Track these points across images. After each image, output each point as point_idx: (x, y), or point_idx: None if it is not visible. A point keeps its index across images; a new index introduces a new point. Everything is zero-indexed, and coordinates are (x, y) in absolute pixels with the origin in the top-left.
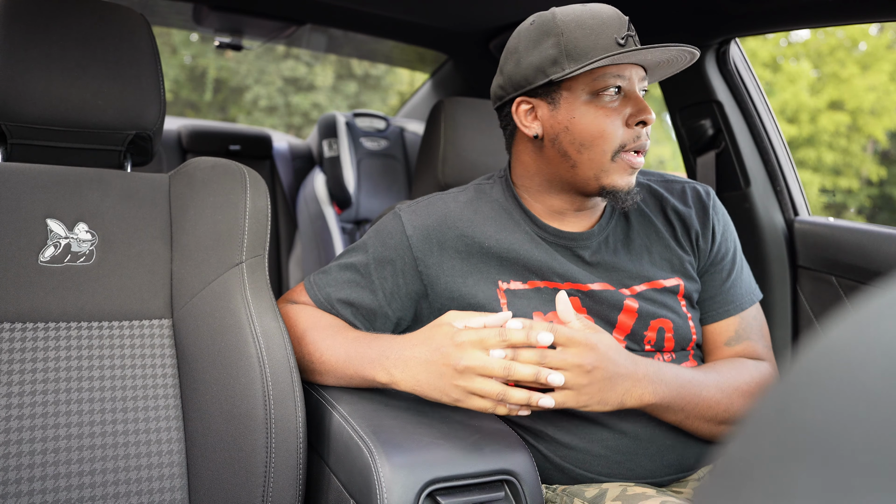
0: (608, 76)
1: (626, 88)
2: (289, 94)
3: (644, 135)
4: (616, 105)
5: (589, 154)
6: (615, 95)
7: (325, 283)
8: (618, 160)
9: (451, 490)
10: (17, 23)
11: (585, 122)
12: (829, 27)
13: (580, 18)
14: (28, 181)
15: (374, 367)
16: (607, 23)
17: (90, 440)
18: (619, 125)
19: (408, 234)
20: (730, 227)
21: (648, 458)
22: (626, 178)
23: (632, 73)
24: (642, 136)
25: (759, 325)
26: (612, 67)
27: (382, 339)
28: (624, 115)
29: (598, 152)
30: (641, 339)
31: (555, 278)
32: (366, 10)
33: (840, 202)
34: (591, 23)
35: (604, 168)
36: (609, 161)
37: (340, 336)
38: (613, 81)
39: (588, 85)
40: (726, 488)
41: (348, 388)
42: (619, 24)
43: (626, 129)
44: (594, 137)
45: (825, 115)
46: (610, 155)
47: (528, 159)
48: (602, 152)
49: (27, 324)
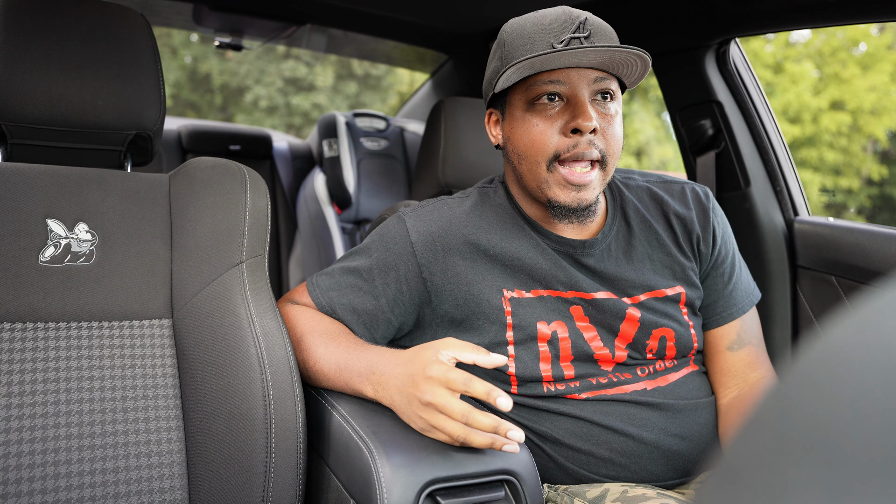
0: (540, 83)
1: (566, 94)
2: (289, 95)
3: (583, 143)
4: (554, 113)
5: (527, 164)
6: (552, 103)
7: (328, 287)
8: (554, 172)
9: (451, 490)
10: (17, 23)
11: (521, 131)
12: (829, 27)
13: (522, 27)
14: (28, 181)
15: (363, 380)
16: (548, 27)
17: (90, 440)
18: (553, 133)
19: (412, 240)
20: (728, 228)
21: (653, 462)
22: (568, 193)
23: (574, 78)
24: (580, 143)
25: (757, 325)
26: (545, 74)
27: (372, 353)
28: (561, 123)
29: (533, 162)
30: (643, 347)
31: (559, 287)
32: (366, 10)
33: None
34: (530, 30)
35: (542, 179)
36: (546, 172)
37: (334, 344)
38: (546, 88)
39: (523, 94)
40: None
41: None
42: (561, 26)
43: (563, 137)
44: (527, 147)
45: (827, 115)
46: (544, 165)
47: (505, 166)
48: (535, 163)
49: (27, 324)
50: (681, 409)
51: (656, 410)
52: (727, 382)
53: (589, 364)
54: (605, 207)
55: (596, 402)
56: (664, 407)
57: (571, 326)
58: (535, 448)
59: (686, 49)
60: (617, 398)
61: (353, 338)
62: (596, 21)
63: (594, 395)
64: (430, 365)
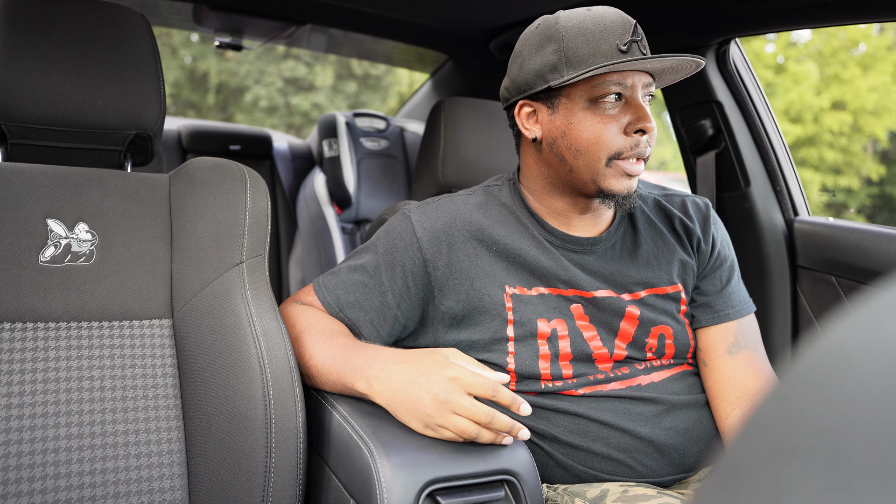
0: (607, 83)
1: (626, 95)
2: (289, 95)
3: (643, 142)
4: (615, 112)
5: (585, 159)
6: (615, 102)
7: (335, 286)
8: (613, 165)
9: (451, 490)
10: (17, 23)
11: (582, 128)
12: (829, 27)
13: (582, 24)
14: (28, 181)
15: (356, 375)
16: (610, 28)
17: (90, 440)
18: (617, 132)
19: (418, 235)
20: (728, 239)
21: (649, 457)
22: (622, 182)
23: (634, 80)
24: (640, 143)
25: (756, 333)
26: (613, 75)
27: (370, 350)
28: (622, 123)
29: (594, 158)
30: (643, 346)
31: (559, 285)
32: (366, 10)
33: (840, 201)
34: (592, 29)
35: (599, 173)
36: (604, 167)
37: (331, 342)
38: (613, 89)
39: (587, 92)
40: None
41: None
42: (622, 29)
43: (624, 136)
44: (590, 144)
45: (828, 115)
46: (605, 161)
47: (531, 161)
48: (597, 158)
49: (27, 324)
50: (674, 404)
51: (651, 405)
52: (727, 394)
53: (587, 363)
54: (614, 208)
55: (592, 398)
56: (658, 401)
57: (571, 325)
58: (532, 446)
59: (686, 49)
60: (613, 394)
61: (352, 337)
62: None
63: (591, 390)
64: (448, 366)
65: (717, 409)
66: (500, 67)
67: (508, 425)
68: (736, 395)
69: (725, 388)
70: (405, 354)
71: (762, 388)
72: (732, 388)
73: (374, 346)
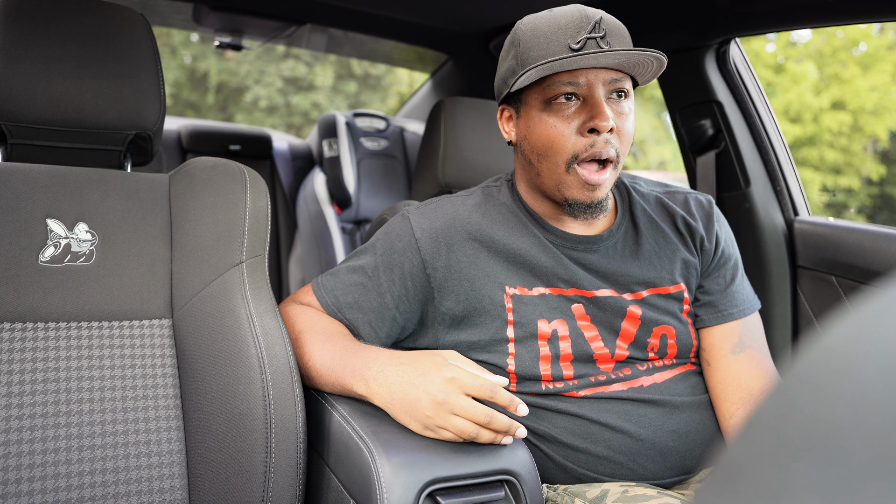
0: (558, 83)
1: (583, 94)
2: (289, 94)
3: (600, 142)
4: (571, 112)
5: (546, 164)
6: (569, 102)
7: (333, 286)
8: (573, 173)
9: (451, 490)
10: (17, 23)
11: (538, 131)
12: (829, 27)
13: (537, 26)
14: (28, 181)
15: (354, 376)
16: (564, 27)
17: (90, 440)
18: (572, 133)
19: (416, 236)
20: (732, 236)
21: (651, 459)
22: (584, 191)
23: (590, 78)
24: (597, 143)
25: (760, 333)
26: (563, 74)
27: (369, 351)
28: (578, 123)
29: (553, 163)
30: (645, 346)
31: (560, 284)
32: (366, 10)
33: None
34: (545, 30)
35: (561, 180)
36: (564, 173)
37: (330, 342)
38: (564, 88)
39: (540, 94)
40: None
41: None
42: (577, 27)
43: (580, 137)
44: (545, 147)
45: (827, 115)
46: (564, 166)
47: (516, 164)
48: (556, 163)
49: (27, 324)
50: (677, 406)
51: (653, 407)
52: (731, 394)
53: (588, 364)
54: (615, 206)
55: (594, 399)
56: (660, 403)
57: (572, 325)
58: (533, 447)
59: (686, 49)
60: (614, 395)
61: (351, 338)
62: (610, 20)
63: (592, 392)
64: (447, 368)
65: (720, 409)
66: None
67: (507, 425)
68: (739, 396)
69: (729, 388)
70: (404, 356)
71: (766, 388)
72: (736, 388)
73: (372, 347)
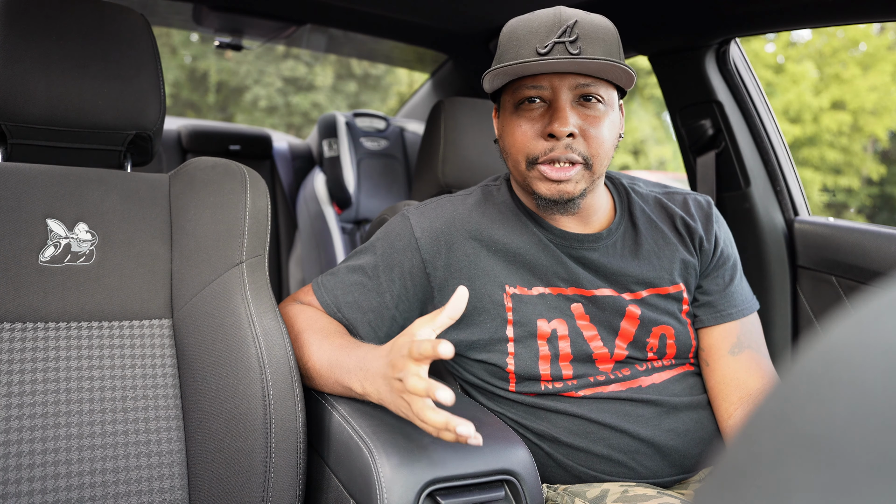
0: (523, 87)
1: (548, 98)
2: (289, 94)
3: (560, 147)
4: (538, 114)
5: (511, 161)
6: (534, 105)
7: (333, 286)
8: (533, 170)
9: (451, 490)
10: (17, 23)
11: (508, 131)
12: (829, 27)
13: (514, 30)
14: (28, 181)
15: (351, 377)
16: (535, 31)
17: (90, 440)
18: (534, 136)
19: (416, 236)
20: (730, 237)
21: (650, 458)
22: (549, 186)
23: (555, 83)
24: (556, 148)
25: (759, 333)
26: (527, 78)
27: (361, 349)
28: (541, 126)
29: (515, 161)
30: (644, 346)
31: (560, 283)
32: (366, 10)
33: (840, 201)
34: (520, 33)
35: (526, 176)
36: (526, 171)
37: (328, 342)
38: (528, 92)
39: (510, 96)
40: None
41: None
42: (548, 31)
43: (542, 140)
44: (511, 146)
45: (827, 115)
46: (524, 165)
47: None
48: (518, 161)
49: (27, 324)
50: (675, 406)
51: (651, 407)
52: (729, 395)
53: (587, 364)
54: (613, 206)
55: (593, 399)
56: (659, 403)
57: (572, 325)
58: (533, 447)
59: (686, 49)
60: (614, 395)
61: (347, 336)
62: (587, 23)
63: (592, 392)
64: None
65: (718, 409)
66: None
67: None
68: (738, 396)
69: (728, 388)
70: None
71: (765, 388)
72: (735, 388)
73: (366, 345)
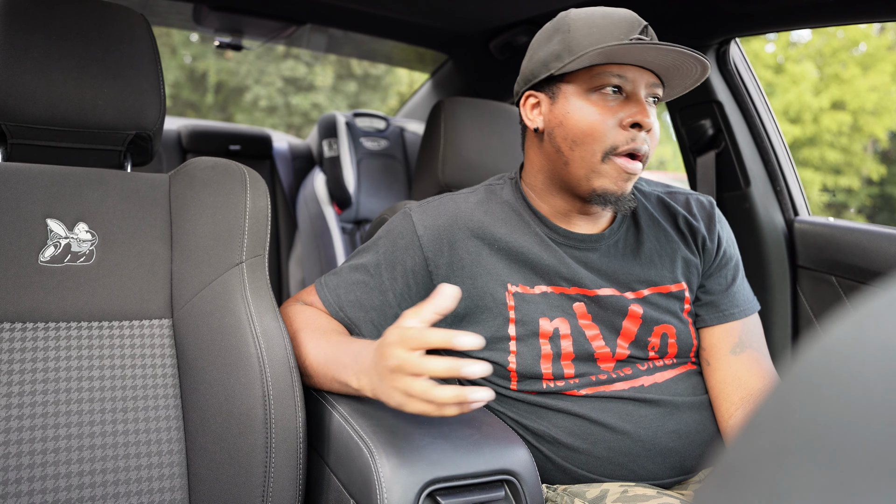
0: (607, 74)
1: (627, 90)
2: (289, 94)
3: (640, 138)
4: (614, 105)
5: (580, 152)
6: (614, 95)
7: (336, 285)
8: (609, 162)
9: (451, 490)
10: (17, 23)
11: (578, 117)
12: (829, 27)
13: (591, 17)
14: (28, 181)
15: (348, 372)
16: (618, 24)
17: (90, 440)
18: (613, 125)
19: (419, 233)
20: (732, 237)
21: (650, 460)
22: (618, 182)
23: (636, 76)
24: (637, 139)
25: (760, 333)
26: (613, 67)
27: (356, 345)
28: (620, 117)
29: (589, 151)
30: (645, 345)
31: (562, 283)
32: (366, 10)
33: (841, 201)
34: (600, 22)
35: (594, 169)
36: (599, 162)
37: (325, 339)
38: (612, 80)
39: (587, 81)
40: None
41: None
42: (629, 26)
43: (621, 129)
44: (584, 134)
45: (827, 115)
46: (600, 155)
47: (533, 155)
48: (592, 151)
49: (27, 324)
50: (677, 406)
51: (653, 407)
52: (730, 394)
53: (589, 363)
54: None
55: (594, 398)
56: (661, 403)
57: (574, 324)
58: (532, 448)
59: None
60: (615, 395)
61: (345, 333)
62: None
63: (593, 391)
64: (389, 334)
65: (719, 409)
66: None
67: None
68: (739, 396)
69: (729, 388)
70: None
71: (766, 388)
72: (736, 388)
73: (361, 340)
